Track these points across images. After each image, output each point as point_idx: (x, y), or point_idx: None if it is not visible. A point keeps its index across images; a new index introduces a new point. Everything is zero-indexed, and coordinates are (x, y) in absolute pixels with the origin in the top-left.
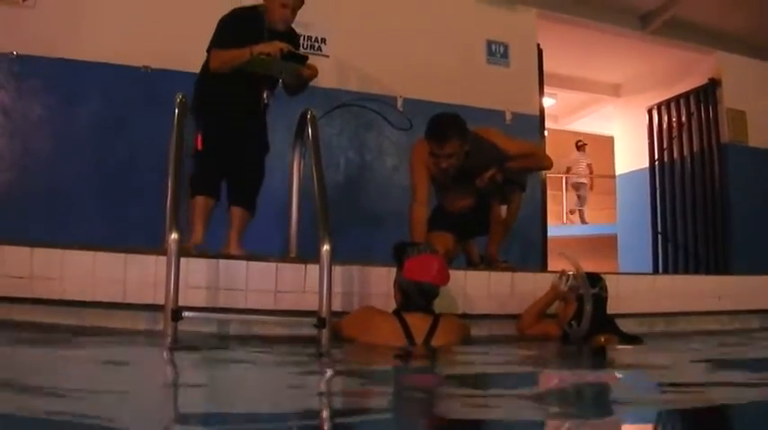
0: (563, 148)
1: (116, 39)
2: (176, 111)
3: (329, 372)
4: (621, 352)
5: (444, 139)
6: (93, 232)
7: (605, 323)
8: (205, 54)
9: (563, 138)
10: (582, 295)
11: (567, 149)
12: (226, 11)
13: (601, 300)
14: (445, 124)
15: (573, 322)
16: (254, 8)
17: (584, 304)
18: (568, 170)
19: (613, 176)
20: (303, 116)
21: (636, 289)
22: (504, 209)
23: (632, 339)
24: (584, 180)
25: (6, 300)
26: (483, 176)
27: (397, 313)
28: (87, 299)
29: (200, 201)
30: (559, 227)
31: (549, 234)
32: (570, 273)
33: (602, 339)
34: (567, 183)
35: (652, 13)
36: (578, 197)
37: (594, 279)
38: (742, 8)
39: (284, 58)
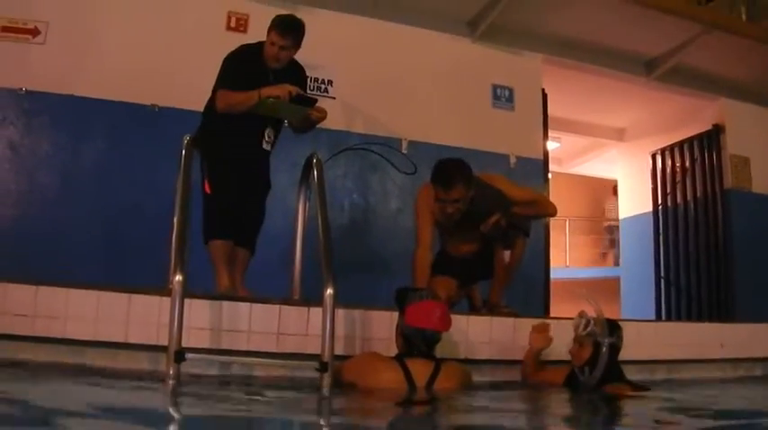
0: (568, 192)
1: (124, 76)
2: (183, 152)
3: (330, 418)
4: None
5: (450, 185)
6: (96, 270)
7: (615, 371)
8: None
9: (567, 181)
10: (599, 342)
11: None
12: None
13: (616, 349)
14: (451, 170)
15: (586, 368)
16: (259, 45)
17: (600, 351)
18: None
19: (616, 219)
20: (309, 160)
21: (638, 335)
22: (507, 254)
23: (640, 388)
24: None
25: (7, 338)
26: (488, 222)
27: (398, 358)
28: (90, 338)
29: (218, 245)
30: (562, 269)
31: (551, 276)
32: (591, 317)
33: (615, 388)
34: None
35: (657, 59)
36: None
37: (614, 327)
38: (746, 56)
39: (293, 100)
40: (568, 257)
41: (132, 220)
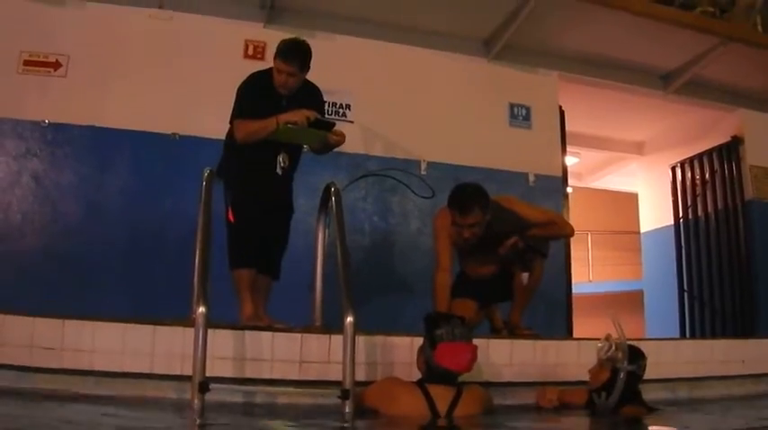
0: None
1: (145, 106)
2: (204, 184)
3: None
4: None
5: (467, 210)
6: (122, 300)
7: (633, 396)
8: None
9: (588, 195)
10: (617, 368)
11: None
12: None
13: (636, 377)
14: (467, 195)
15: (603, 393)
16: (270, 71)
17: (617, 377)
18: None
19: (638, 233)
20: (327, 189)
21: (658, 354)
22: (525, 276)
23: (653, 410)
24: None
25: (35, 370)
26: (505, 244)
27: (420, 384)
28: (116, 370)
29: (242, 274)
30: (584, 284)
31: (574, 291)
32: (614, 341)
33: (633, 411)
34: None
35: (673, 72)
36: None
37: (636, 355)
38: (763, 67)
39: (312, 125)
40: (591, 272)
41: (156, 250)
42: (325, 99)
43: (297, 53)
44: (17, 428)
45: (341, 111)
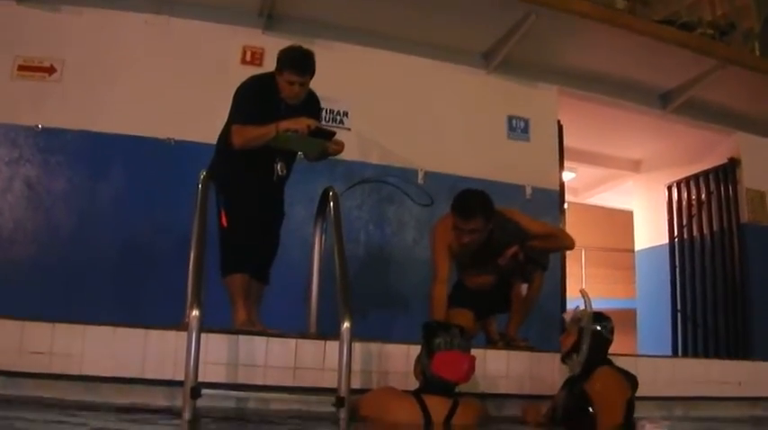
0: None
1: (140, 111)
2: (199, 187)
3: None
4: None
5: (470, 216)
6: (113, 305)
7: (604, 360)
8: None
9: (583, 211)
10: (582, 327)
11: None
12: None
13: (603, 339)
14: (472, 201)
15: (573, 354)
16: (270, 76)
17: (583, 337)
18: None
19: (632, 251)
20: (325, 194)
21: (655, 371)
22: (524, 287)
23: (628, 375)
24: None
25: (24, 376)
26: (505, 254)
27: (416, 394)
28: (107, 374)
29: (236, 279)
30: (578, 300)
31: (568, 308)
32: (579, 309)
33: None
34: None
35: (672, 92)
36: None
37: (600, 317)
38: (761, 91)
39: (312, 134)
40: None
41: (149, 257)
42: (322, 106)
43: (309, 63)
44: None
45: (338, 118)
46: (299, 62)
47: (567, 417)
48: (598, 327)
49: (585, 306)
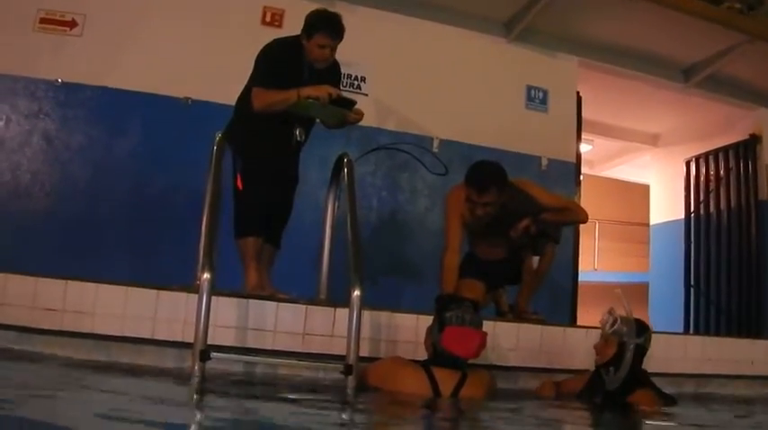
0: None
1: (159, 69)
2: (214, 149)
3: (353, 423)
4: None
5: (484, 188)
6: (126, 264)
7: (641, 375)
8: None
9: (599, 183)
10: (624, 342)
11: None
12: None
13: (642, 350)
14: (486, 174)
15: (611, 368)
16: (295, 40)
17: (624, 351)
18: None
19: (647, 225)
20: (340, 160)
21: (667, 348)
22: (536, 260)
23: (667, 398)
24: None
25: (37, 332)
26: (517, 227)
27: (425, 365)
28: (117, 334)
29: (249, 242)
30: (589, 273)
31: (579, 279)
32: (619, 316)
33: (641, 397)
34: None
35: (695, 66)
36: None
37: (642, 328)
38: None
39: (332, 102)
40: (597, 261)
41: (163, 216)
42: (341, 70)
43: (341, 26)
44: None
45: (356, 83)
46: (333, 25)
47: None
48: (641, 340)
49: (626, 312)
